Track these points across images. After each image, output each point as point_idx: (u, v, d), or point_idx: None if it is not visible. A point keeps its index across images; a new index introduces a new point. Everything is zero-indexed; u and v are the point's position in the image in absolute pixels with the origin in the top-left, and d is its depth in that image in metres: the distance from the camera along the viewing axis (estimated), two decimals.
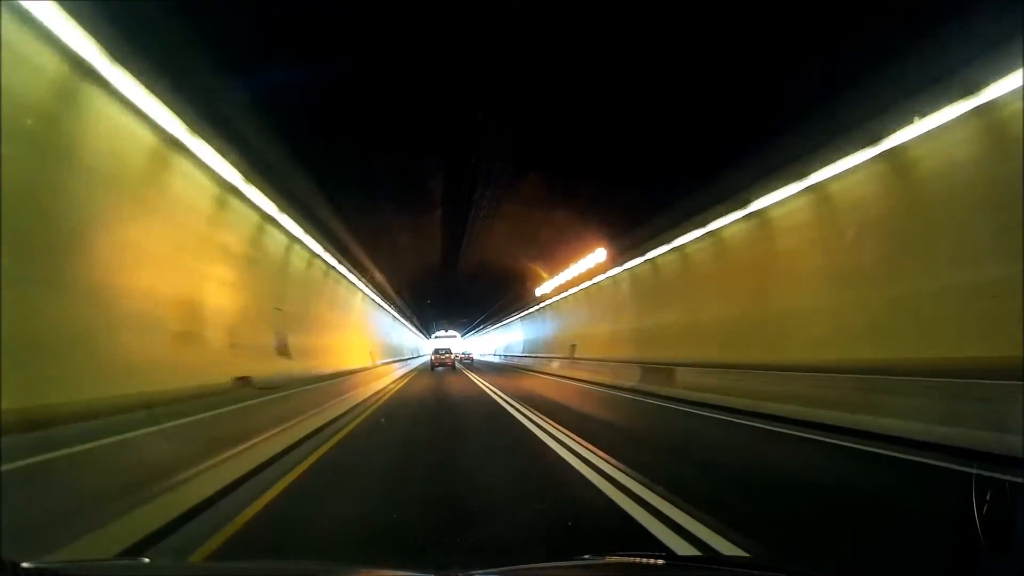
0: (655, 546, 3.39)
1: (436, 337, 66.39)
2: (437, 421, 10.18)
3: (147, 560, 2.71)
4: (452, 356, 34.40)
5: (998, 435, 5.28)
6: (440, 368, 31.85)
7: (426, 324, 60.23)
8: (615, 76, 8.57)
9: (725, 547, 3.33)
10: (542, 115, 10.35)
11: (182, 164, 7.40)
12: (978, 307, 6.84)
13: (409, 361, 37.66)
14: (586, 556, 1.91)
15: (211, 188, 8.45)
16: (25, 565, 1.39)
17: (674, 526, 3.74)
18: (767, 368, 10.14)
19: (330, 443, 7.39)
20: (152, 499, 3.74)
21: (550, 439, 7.42)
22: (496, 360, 51.81)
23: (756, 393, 9.88)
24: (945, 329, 7.33)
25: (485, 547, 3.47)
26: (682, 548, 3.33)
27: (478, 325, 60.68)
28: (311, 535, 3.86)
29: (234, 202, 9.34)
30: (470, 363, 42.66)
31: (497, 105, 9.83)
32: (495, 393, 15.23)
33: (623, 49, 7.76)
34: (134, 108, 6.05)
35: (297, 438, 7.20)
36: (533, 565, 2.05)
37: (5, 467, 2.67)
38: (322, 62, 7.37)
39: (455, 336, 70.14)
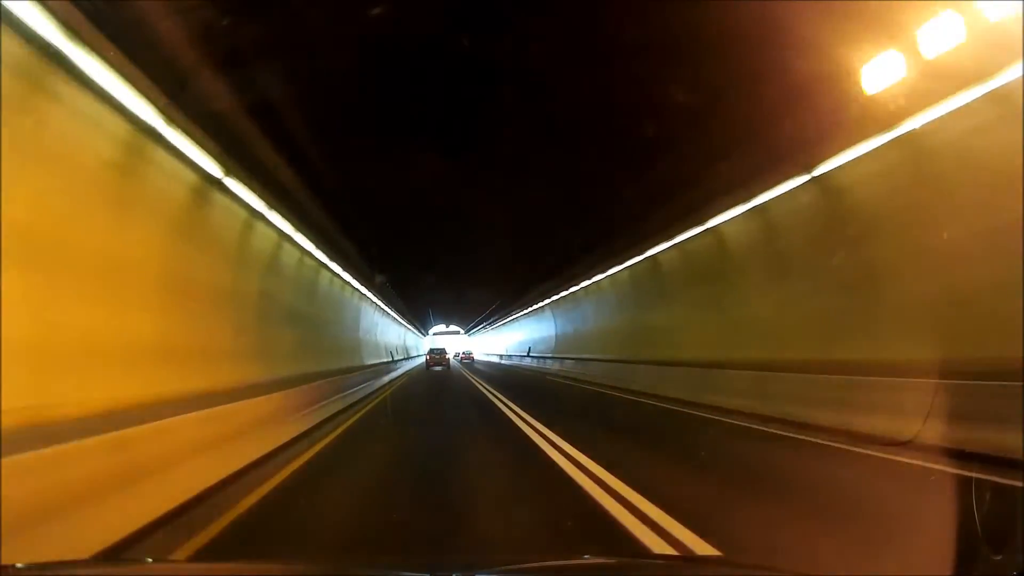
0: None
1: (434, 334, 55.01)
2: None
3: (150, 560, 2.66)
4: (448, 356, 31.75)
5: None
6: (437, 368, 28.68)
7: (421, 318, 47.97)
8: None
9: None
10: None
11: None
12: None
13: (389, 367, 23.32)
14: (586, 556, 2.00)
15: None
16: (19, 565, 1.37)
17: None
18: None
19: None
20: None
21: None
22: (551, 367, 25.01)
23: None
24: None
25: None
26: None
27: (496, 312, 40.30)
28: None
29: None
30: (470, 363, 38.99)
31: None
32: None
33: None
34: None
35: None
36: (532, 564, 1.91)
37: None
38: None
39: (458, 332, 58.52)
